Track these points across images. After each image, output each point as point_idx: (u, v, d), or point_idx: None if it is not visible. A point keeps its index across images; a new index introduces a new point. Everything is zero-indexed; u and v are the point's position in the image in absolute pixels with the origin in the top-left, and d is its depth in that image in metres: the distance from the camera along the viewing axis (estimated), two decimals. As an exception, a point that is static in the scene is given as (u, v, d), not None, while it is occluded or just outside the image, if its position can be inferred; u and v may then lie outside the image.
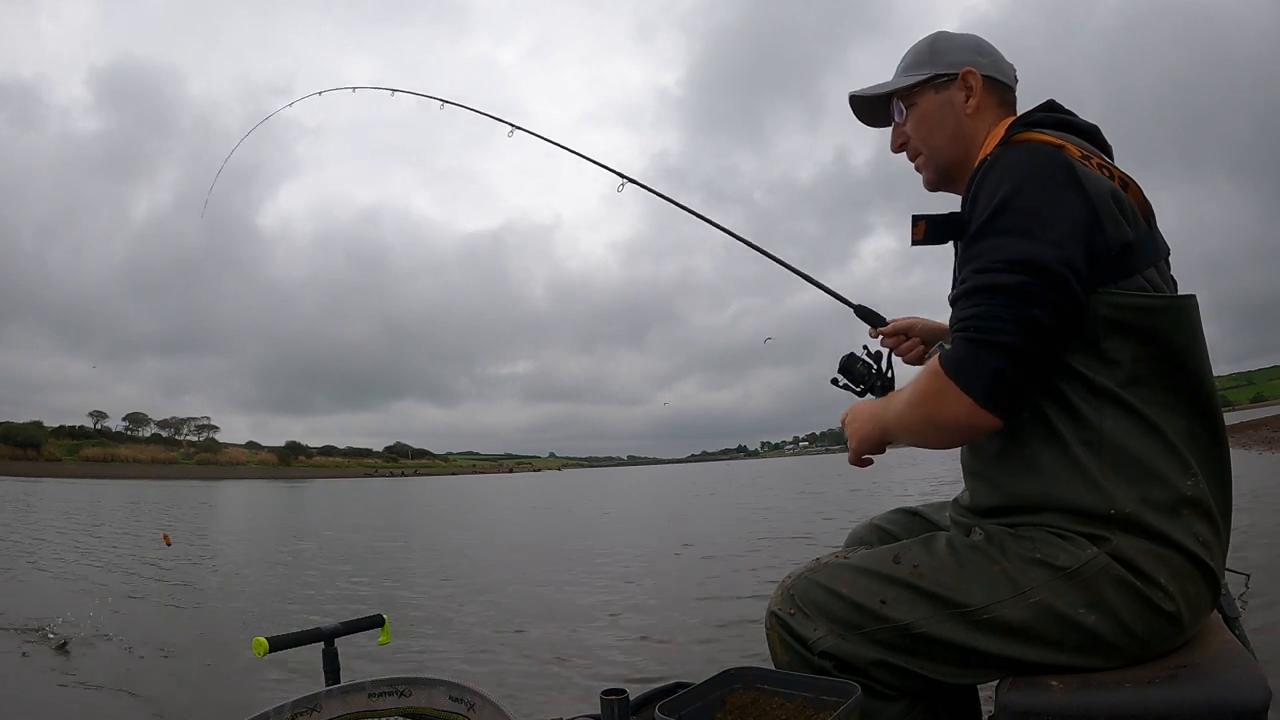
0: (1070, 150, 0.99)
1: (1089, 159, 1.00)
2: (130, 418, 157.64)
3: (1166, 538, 0.94)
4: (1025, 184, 0.97)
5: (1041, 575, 0.95)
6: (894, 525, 1.35)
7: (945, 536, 1.06)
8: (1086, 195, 0.96)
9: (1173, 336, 0.97)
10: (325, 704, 1.08)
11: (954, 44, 1.22)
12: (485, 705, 1.15)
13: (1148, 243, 1.00)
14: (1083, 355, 0.97)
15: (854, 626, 1.02)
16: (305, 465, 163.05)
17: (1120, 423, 0.96)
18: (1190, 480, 0.96)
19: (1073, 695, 0.90)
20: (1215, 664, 0.91)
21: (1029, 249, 0.94)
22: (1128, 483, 0.95)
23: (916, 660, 1.00)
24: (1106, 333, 0.96)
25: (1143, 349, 0.96)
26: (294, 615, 5.39)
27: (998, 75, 1.20)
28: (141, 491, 35.75)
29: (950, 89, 1.19)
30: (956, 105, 1.18)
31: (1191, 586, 0.95)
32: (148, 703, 3.46)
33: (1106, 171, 1.00)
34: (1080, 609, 0.94)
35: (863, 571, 1.06)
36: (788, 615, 1.07)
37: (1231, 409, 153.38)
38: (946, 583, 1.00)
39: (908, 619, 1.00)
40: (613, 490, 31.01)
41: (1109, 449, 0.96)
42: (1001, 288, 0.94)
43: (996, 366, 0.94)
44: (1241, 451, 19.90)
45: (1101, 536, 0.94)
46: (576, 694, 3.33)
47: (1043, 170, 0.97)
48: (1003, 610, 0.96)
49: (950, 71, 1.19)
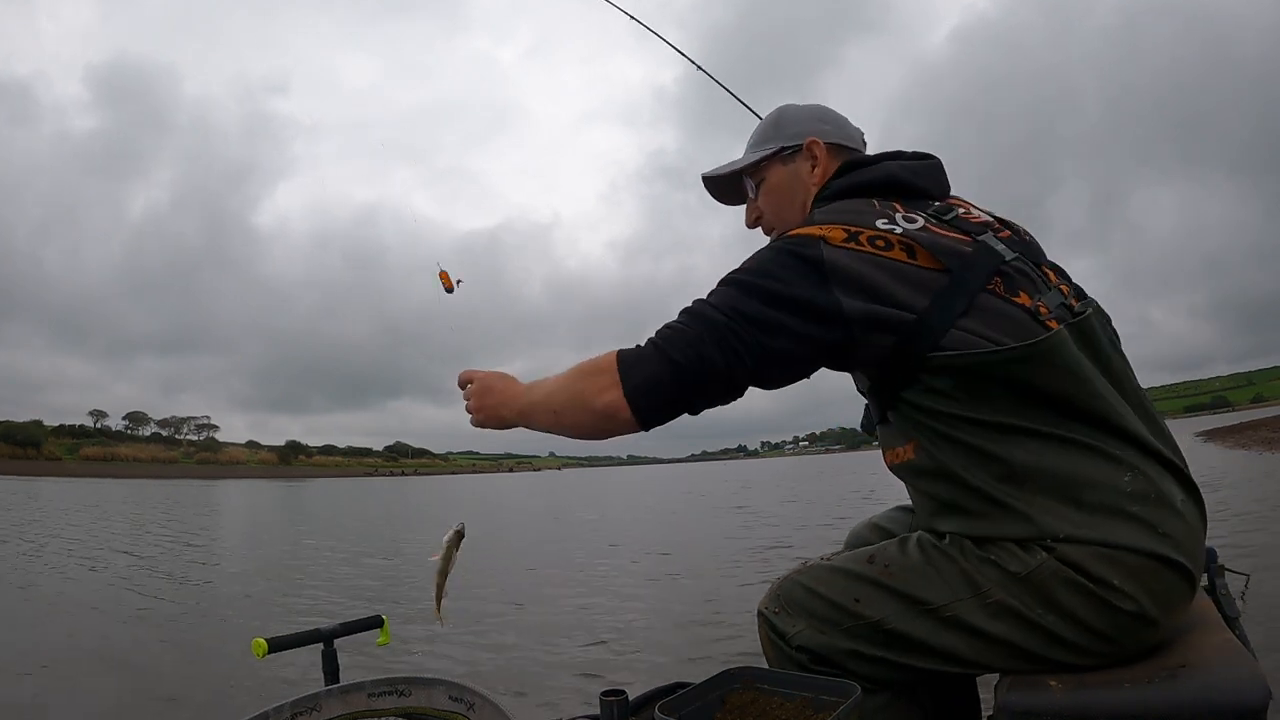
0: (832, 237, 1.00)
1: (856, 238, 1.01)
2: (130, 417, 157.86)
3: (1113, 542, 0.92)
4: (760, 263, 1.02)
5: (996, 576, 0.97)
6: (892, 524, 1.36)
7: (918, 536, 1.08)
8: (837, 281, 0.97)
9: (1045, 380, 0.96)
10: (325, 704, 1.08)
11: (798, 115, 1.26)
12: (485, 705, 1.16)
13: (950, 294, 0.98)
14: (971, 402, 0.97)
15: (831, 623, 1.06)
16: (305, 464, 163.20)
17: (1032, 448, 0.96)
18: (1129, 475, 0.94)
19: (1072, 695, 0.90)
20: (1215, 664, 0.91)
21: (741, 301, 0.99)
22: (1059, 502, 0.95)
23: (889, 653, 1.03)
24: (979, 381, 0.96)
25: (1020, 388, 0.96)
26: (293, 616, 5.40)
27: (843, 141, 1.23)
28: (142, 491, 35.77)
29: (796, 160, 1.23)
30: (803, 175, 1.22)
31: (1156, 582, 0.93)
32: (148, 703, 3.46)
33: (881, 243, 1.01)
34: (1037, 609, 0.95)
35: (840, 572, 1.09)
36: (773, 614, 1.11)
37: (1231, 409, 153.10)
38: (913, 581, 1.02)
39: (878, 616, 1.03)
40: (611, 491, 31.04)
41: (1029, 477, 0.96)
42: (705, 319, 0.99)
43: (656, 372, 0.98)
44: (1241, 452, 19.91)
45: (1049, 547, 0.95)
46: (577, 694, 3.33)
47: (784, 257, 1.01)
48: (962, 609, 0.98)
49: (795, 143, 1.22)
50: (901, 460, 1.08)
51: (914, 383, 1.01)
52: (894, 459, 1.10)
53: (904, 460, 1.08)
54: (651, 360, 0.99)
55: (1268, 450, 19.46)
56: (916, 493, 1.12)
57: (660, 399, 1.00)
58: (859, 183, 1.14)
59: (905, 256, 1.01)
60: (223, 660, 4.14)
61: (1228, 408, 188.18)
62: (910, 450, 1.06)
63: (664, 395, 0.99)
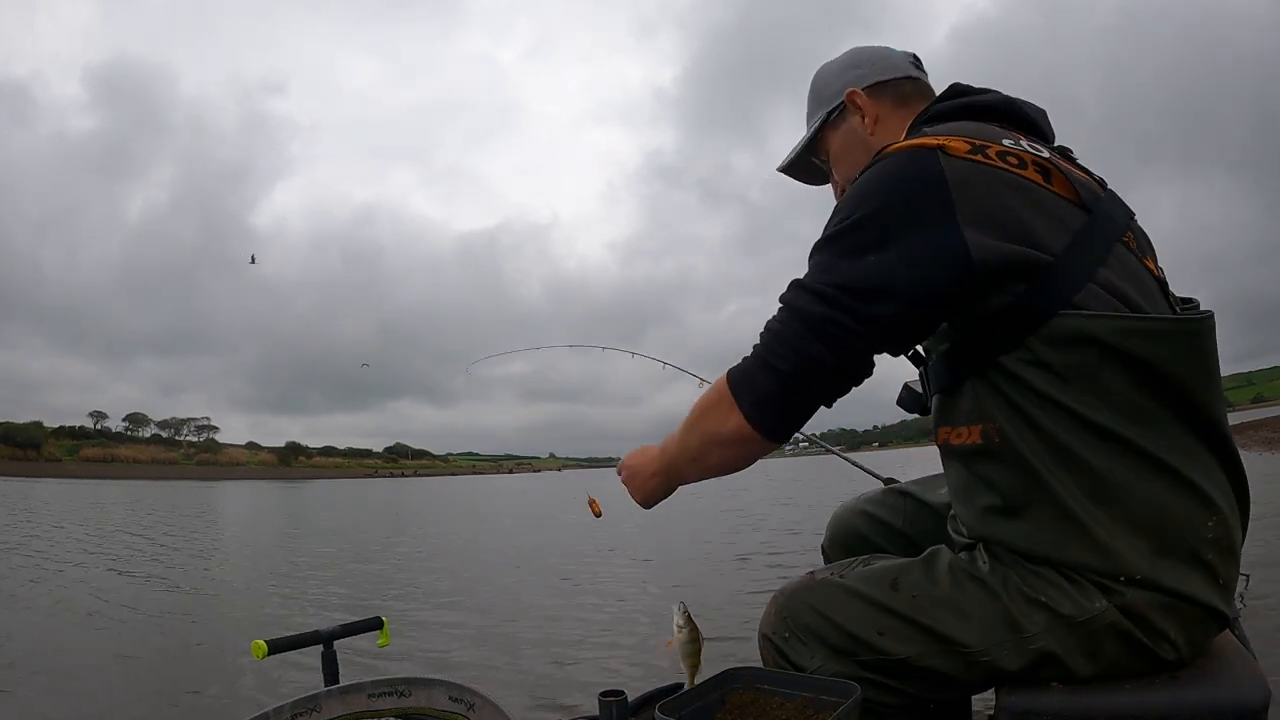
0: (953, 148, 0.86)
1: (984, 150, 0.86)
2: (130, 418, 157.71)
3: (1183, 593, 0.84)
4: (863, 202, 0.88)
5: (1043, 620, 0.86)
6: (883, 510, 1.30)
7: (948, 559, 0.96)
8: (965, 205, 0.83)
9: (1181, 366, 0.84)
10: (325, 704, 1.07)
11: (830, 73, 1.18)
12: (485, 705, 1.15)
13: (1088, 237, 0.85)
14: (1079, 390, 0.83)
15: (849, 654, 0.96)
16: (305, 466, 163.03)
17: (1131, 466, 0.83)
18: (1214, 520, 0.85)
19: (1073, 696, 0.89)
20: (1215, 664, 0.91)
21: (844, 276, 0.86)
22: (1142, 537, 0.84)
23: (911, 684, 0.95)
24: (1102, 361, 0.83)
25: (1143, 379, 0.83)
26: (293, 618, 5.39)
27: (883, 77, 1.13)
28: (142, 492, 35.73)
29: (845, 120, 1.15)
30: (857, 130, 1.14)
31: (1200, 631, 0.88)
32: (148, 703, 3.46)
33: (1014, 160, 0.86)
34: (1079, 657, 0.87)
35: (858, 596, 0.97)
36: (781, 640, 1.01)
37: (1231, 409, 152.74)
38: (946, 620, 0.91)
39: (904, 654, 0.92)
40: (610, 491, 30.92)
41: (1118, 500, 0.84)
42: (802, 313, 0.89)
43: (767, 389, 0.90)
44: (1242, 451, 19.84)
45: (1113, 590, 0.84)
46: (577, 694, 3.33)
47: (892, 186, 0.87)
48: (1001, 654, 0.88)
49: (835, 103, 1.15)
50: (965, 442, 0.92)
51: (1017, 346, 0.84)
52: (955, 439, 0.94)
53: (968, 442, 0.92)
54: (758, 374, 0.91)
55: (1268, 450, 19.46)
56: (973, 483, 0.94)
57: (778, 411, 0.92)
58: (974, 104, 0.99)
59: (1041, 179, 0.86)
60: (222, 661, 4.14)
61: (1228, 408, 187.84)
62: (980, 433, 0.90)
63: (781, 407, 0.91)
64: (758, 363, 0.92)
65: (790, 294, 0.92)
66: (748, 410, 0.91)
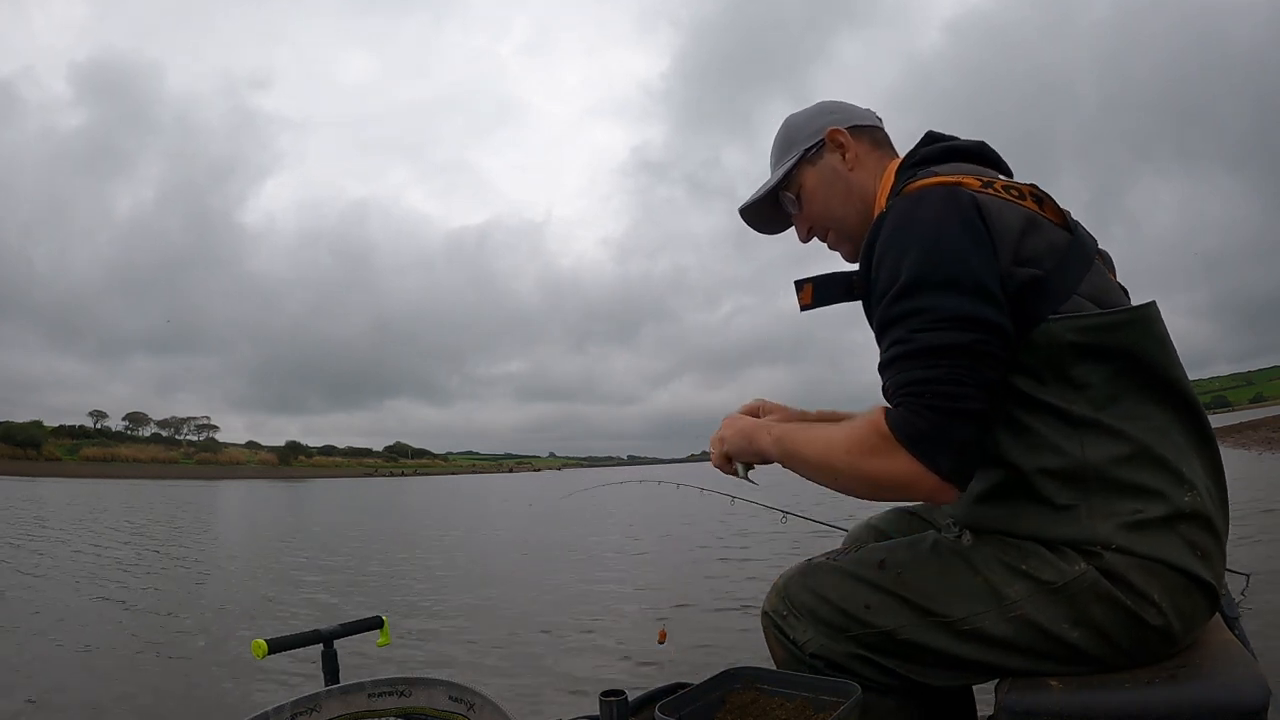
0: (968, 183, 0.95)
1: (991, 185, 0.96)
2: (130, 417, 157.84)
3: (1159, 557, 0.90)
4: (934, 233, 0.91)
5: (1025, 589, 0.93)
6: (889, 526, 1.34)
7: (933, 537, 1.04)
8: (997, 232, 0.92)
9: (1143, 347, 0.93)
10: (325, 704, 1.07)
11: (806, 117, 1.21)
12: (485, 705, 1.15)
13: (1074, 254, 0.95)
14: (1055, 386, 0.92)
15: (840, 630, 1.02)
16: (305, 465, 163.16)
17: (1107, 450, 0.91)
18: (1189, 494, 0.91)
19: (1073, 695, 0.89)
20: (1215, 664, 0.91)
21: (968, 305, 0.88)
22: (1118, 511, 0.91)
23: (904, 664, 0.99)
24: (1074, 359, 0.91)
25: (1115, 367, 0.92)
26: (294, 617, 5.39)
27: (860, 122, 1.19)
28: (142, 491, 35.76)
29: (824, 156, 1.18)
30: (836, 166, 1.17)
31: (1186, 601, 0.92)
32: (148, 703, 3.46)
33: (1015, 192, 0.96)
34: (1064, 624, 0.91)
35: (849, 575, 1.05)
36: (780, 617, 1.09)
37: (1231, 409, 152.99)
38: (928, 591, 0.97)
39: (890, 625, 0.99)
40: (611, 492, 30.98)
41: (1095, 479, 0.91)
42: (957, 348, 0.87)
43: (965, 437, 0.87)
44: (1242, 451, 19.89)
45: (1093, 554, 0.91)
46: (577, 694, 3.33)
47: (948, 215, 0.92)
48: (983, 622, 0.94)
49: (814, 140, 1.18)
50: None
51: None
52: None
53: None
54: (950, 427, 0.86)
55: (1268, 450, 19.45)
56: None
57: (979, 454, 0.89)
58: (955, 148, 1.06)
59: (1036, 207, 0.96)
60: (223, 660, 4.14)
61: (1227, 408, 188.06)
62: None
63: (980, 447, 0.89)
64: (940, 415, 0.86)
65: (920, 339, 0.88)
66: (947, 470, 0.87)
